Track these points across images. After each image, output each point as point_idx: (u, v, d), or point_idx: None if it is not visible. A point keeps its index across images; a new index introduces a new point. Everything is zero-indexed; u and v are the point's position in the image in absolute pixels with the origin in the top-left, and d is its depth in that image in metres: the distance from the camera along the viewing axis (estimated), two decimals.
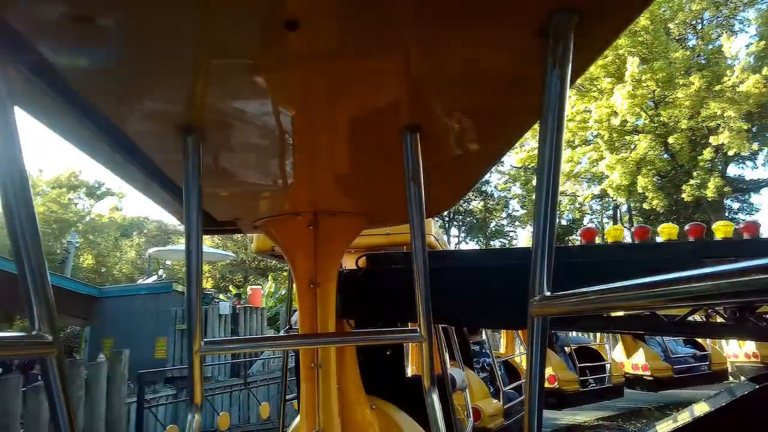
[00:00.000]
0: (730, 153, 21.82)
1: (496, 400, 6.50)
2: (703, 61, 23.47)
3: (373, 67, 0.92)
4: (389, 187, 1.59)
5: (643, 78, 21.69)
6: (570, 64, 0.80)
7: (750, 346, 13.52)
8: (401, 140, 1.16)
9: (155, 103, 1.02)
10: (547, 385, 9.16)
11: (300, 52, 0.86)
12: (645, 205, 24.89)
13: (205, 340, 1.12)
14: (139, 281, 18.61)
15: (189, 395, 1.13)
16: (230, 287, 25.67)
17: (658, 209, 24.35)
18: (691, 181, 22.62)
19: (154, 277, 18.81)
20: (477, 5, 0.76)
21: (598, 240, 3.51)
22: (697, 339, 11.82)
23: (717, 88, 21.38)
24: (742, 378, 13.92)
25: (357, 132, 1.20)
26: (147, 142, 1.20)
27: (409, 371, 5.02)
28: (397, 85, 1.00)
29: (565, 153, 24.34)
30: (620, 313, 3.49)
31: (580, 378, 9.55)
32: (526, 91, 1.01)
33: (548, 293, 0.80)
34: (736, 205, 28.06)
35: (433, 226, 3.48)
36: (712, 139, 21.77)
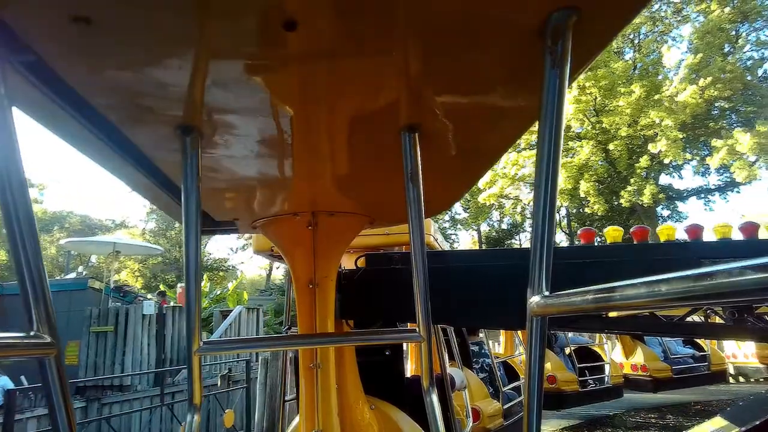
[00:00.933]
0: (666, 161, 22.68)
1: (496, 401, 6.50)
2: (641, 72, 24.45)
3: (372, 67, 0.92)
4: (388, 187, 1.59)
5: (586, 85, 22.53)
6: (568, 64, 0.80)
7: (749, 346, 13.53)
8: (400, 140, 1.16)
9: (154, 104, 1.01)
10: (546, 385, 9.16)
11: (298, 53, 0.86)
12: (587, 209, 25.99)
13: (204, 340, 1.12)
14: (57, 278, 16.48)
15: (188, 395, 1.13)
16: (161, 286, 24.29)
17: (599, 213, 25.35)
18: (629, 188, 23.57)
19: (73, 275, 17.16)
20: (475, 5, 0.76)
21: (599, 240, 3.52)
22: (696, 339, 11.83)
23: (656, 97, 22.30)
24: (741, 379, 13.94)
25: (356, 132, 1.20)
26: (146, 143, 1.20)
27: (409, 371, 5.02)
28: (396, 85, 1.00)
29: (510, 156, 25.06)
30: (619, 314, 3.50)
31: (580, 378, 9.56)
32: (525, 90, 1.01)
33: (547, 293, 0.80)
34: (666, 213, 29.30)
35: (432, 226, 3.48)
36: (650, 146, 22.56)
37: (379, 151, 1.31)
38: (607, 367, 10.21)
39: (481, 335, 7.82)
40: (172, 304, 12.75)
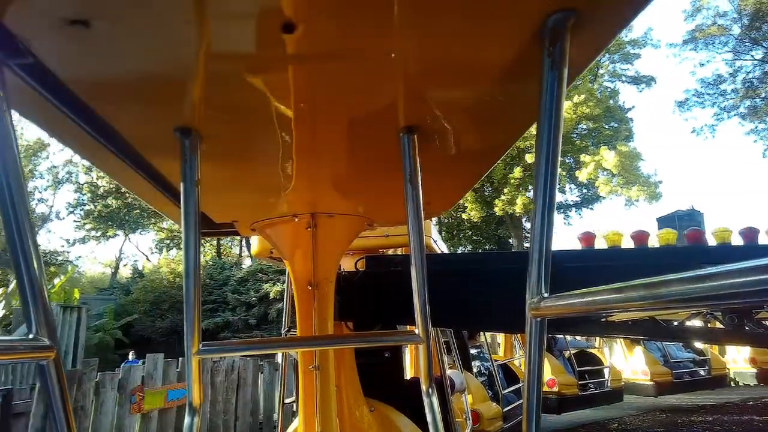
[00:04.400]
0: None
1: (495, 404, 6.49)
2: None
3: (370, 69, 0.92)
4: (387, 189, 1.59)
5: None
6: (567, 65, 0.80)
7: (750, 351, 13.50)
8: (399, 142, 1.16)
9: (152, 106, 1.02)
10: (546, 389, 9.13)
11: (296, 55, 0.86)
12: (463, 215, 26.91)
13: (203, 342, 1.11)
14: None
15: (188, 398, 1.13)
16: None
17: (474, 220, 26.68)
18: (503, 197, 24.65)
19: None
20: (473, 7, 0.76)
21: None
22: (696, 344, 11.81)
23: None
24: (740, 383, 13.92)
25: (355, 134, 1.20)
26: (144, 145, 1.20)
27: (408, 374, 5.01)
28: (394, 87, 1.00)
29: None
30: (619, 318, 3.50)
31: (580, 382, 9.53)
32: (523, 92, 1.01)
33: (546, 295, 0.80)
34: (529, 225, 29.95)
35: (431, 228, 3.47)
36: (528, 157, 23.37)
37: (378, 153, 1.31)
38: (606, 371, 10.18)
39: (481, 339, 7.82)
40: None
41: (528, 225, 29.45)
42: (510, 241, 28.51)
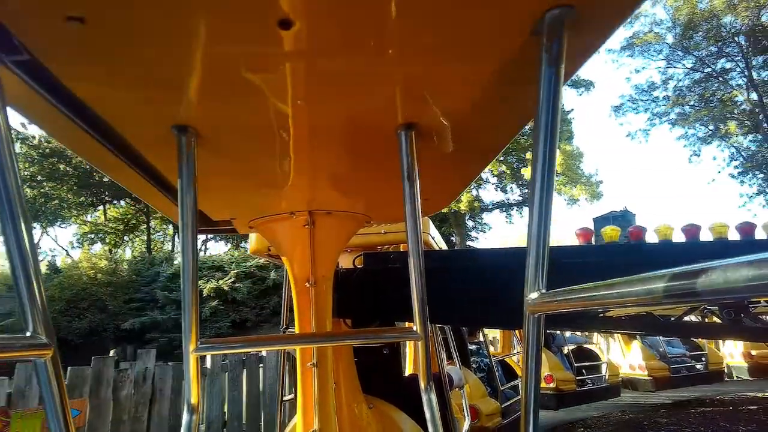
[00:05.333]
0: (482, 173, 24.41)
1: (494, 400, 6.51)
2: None
3: (367, 65, 0.92)
4: (385, 186, 1.59)
5: None
6: (564, 62, 0.80)
7: (743, 345, 13.59)
8: (397, 138, 1.16)
9: (149, 103, 1.01)
10: (544, 385, 9.17)
11: (293, 51, 0.86)
12: None
13: (201, 339, 1.11)
14: None
15: (186, 396, 1.13)
16: None
17: None
18: None
19: None
20: (471, 3, 0.76)
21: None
22: (694, 339, 11.87)
23: None
24: (736, 377, 14.01)
25: (352, 130, 1.20)
26: (141, 142, 1.20)
27: (408, 370, 5.03)
28: (392, 84, 1.00)
29: None
30: (617, 313, 3.51)
31: (577, 378, 9.58)
32: (521, 89, 1.01)
33: (544, 290, 0.80)
34: (470, 223, 31.11)
35: (429, 225, 3.48)
36: None
37: (376, 150, 1.31)
38: (604, 367, 10.23)
39: (480, 337, 7.83)
40: None
41: (469, 223, 30.01)
42: (452, 238, 28.87)
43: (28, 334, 0.83)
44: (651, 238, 3.30)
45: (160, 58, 0.86)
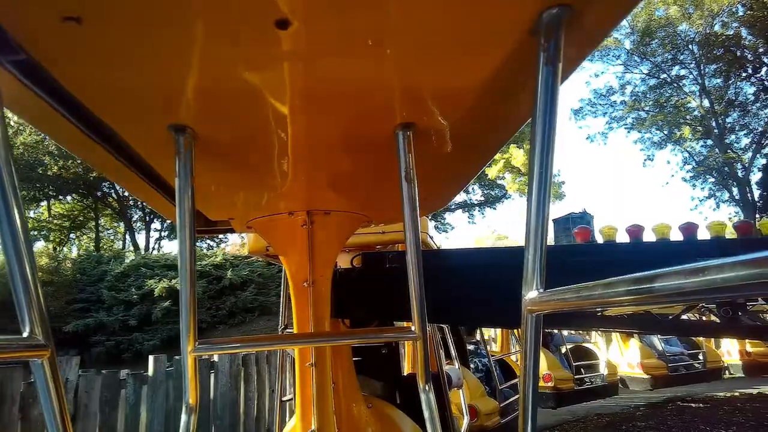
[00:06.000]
0: None
1: (493, 399, 6.52)
2: None
3: (365, 65, 0.92)
4: (383, 186, 1.59)
5: None
6: (561, 62, 0.80)
7: (737, 343, 13.64)
8: (395, 138, 1.16)
9: (146, 103, 1.01)
10: (542, 384, 9.18)
11: (291, 51, 0.86)
12: None
13: (199, 340, 1.11)
14: None
15: (184, 396, 1.13)
16: None
17: None
18: None
19: None
20: (468, 3, 0.76)
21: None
22: (692, 337, 11.91)
23: None
24: (730, 375, 14.06)
25: (350, 130, 1.20)
26: (139, 142, 1.19)
27: (406, 370, 5.03)
28: (389, 84, 0.99)
29: None
30: (615, 312, 3.52)
31: (576, 377, 9.60)
32: (518, 88, 1.01)
33: (541, 290, 0.80)
34: (433, 223, 31.49)
35: (427, 224, 3.48)
36: None
37: (374, 150, 1.31)
38: (602, 365, 10.26)
39: (477, 336, 7.85)
40: None
41: (433, 223, 30.37)
42: None
43: (25, 334, 0.82)
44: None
45: (157, 58, 0.86)
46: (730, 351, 14.17)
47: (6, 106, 0.88)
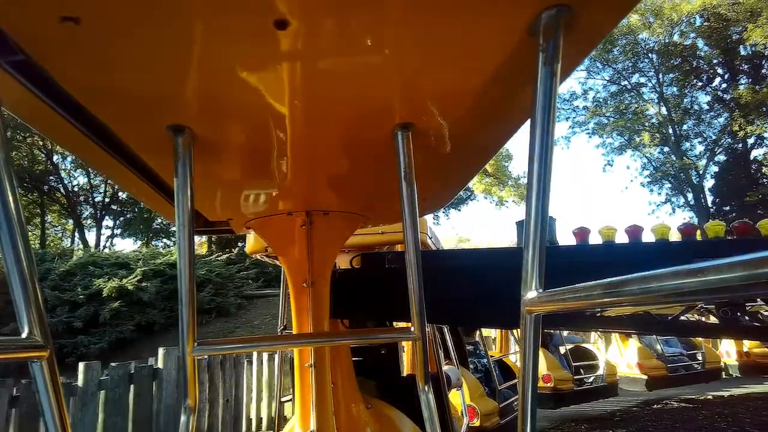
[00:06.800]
0: None
1: (492, 399, 6.52)
2: None
3: (364, 65, 0.92)
4: (382, 186, 1.59)
5: None
6: (560, 62, 0.80)
7: (734, 344, 13.65)
8: (394, 138, 1.16)
9: (144, 103, 1.01)
10: (542, 384, 9.18)
11: (289, 51, 0.86)
12: None
13: (198, 340, 1.11)
14: None
15: (183, 397, 1.12)
16: None
17: None
18: None
19: None
20: (467, 4, 0.76)
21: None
22: (691, 338, 11.91)
23: None
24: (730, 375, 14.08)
25: (349, 131, 1.20)
26: (137, 143, 1.19)
27: (406, 370, 5.03)
28: (388, 84, 1.00)
29: None
30: (614, 312, 3.52)
31: (575, 377, 9.61)
32: (517, 88, 1.01)
33: (541, 290, 0.80)
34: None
35: (426, 225, 3.48)
36: None
37: (373, 150, 1.31)
38: (601, 366, 10.26)
39: (477, 337, 7.85)
40: None
41: None
42: None
43: (24, 335, 0.82)
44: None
45: (155, 58, 0.86)
46: (729, 351, 14.18)
47: (5, 106, 0.88)
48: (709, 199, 36.48)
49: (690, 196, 37.44)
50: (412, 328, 1.20)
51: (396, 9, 0.77)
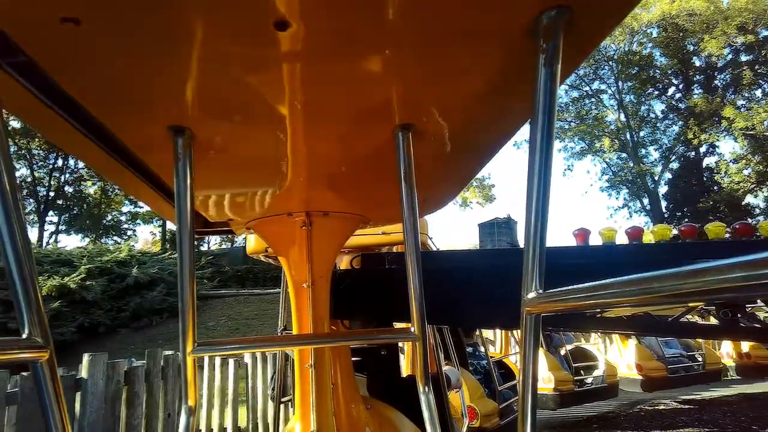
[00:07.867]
0: None
1: (492, 400, 6.52)
2: None
3: (364, 66, 0.92)
4: (383, 187, 1.59)
5: None
6: (560, 63, 0.80)
7: (743, 346, 13.63)
8: (394, 139, 1.16)
9: (145, 104, 1.01)
10: (542, 385, 9.18)
11: (289, 52, 0.86)
12: None
13: (198, 341, 1.11)
14: None
15: (183, 397, 1.12)
16: None
17: None
18: None
19: None
20: (467, 5, 0.76)
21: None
22: (691, 339, 11.90)
23: None
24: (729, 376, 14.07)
25: (349, 131, 1.20)
26: (137, 143, 1.19)
27: (406, 371, 5.03)
28: (389, 85, 1.00)
29: None
30: (614, 313, 3.52)
31: (575, 378, 9.60)
32: (517, 89, 1.01)
33: (541, 291, 0.80)
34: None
35: (426, 225, 3.49)
36: None
37: (373, 151, 1.31)
38: (602, 367, 10.26)
39: (476, 338, 7.84)
40: None
41: None
42: None
43: (24, 336, 0.82)
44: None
45: (156, 59, 0.86)
46: (730, 353, 14.17)
47: (5, 107, 0.88)
48: (663, 204, 37.88)
49: (646, 201, 38.81)
50: (413, 329, 1.20)
51: (395, 10, 0.77)
